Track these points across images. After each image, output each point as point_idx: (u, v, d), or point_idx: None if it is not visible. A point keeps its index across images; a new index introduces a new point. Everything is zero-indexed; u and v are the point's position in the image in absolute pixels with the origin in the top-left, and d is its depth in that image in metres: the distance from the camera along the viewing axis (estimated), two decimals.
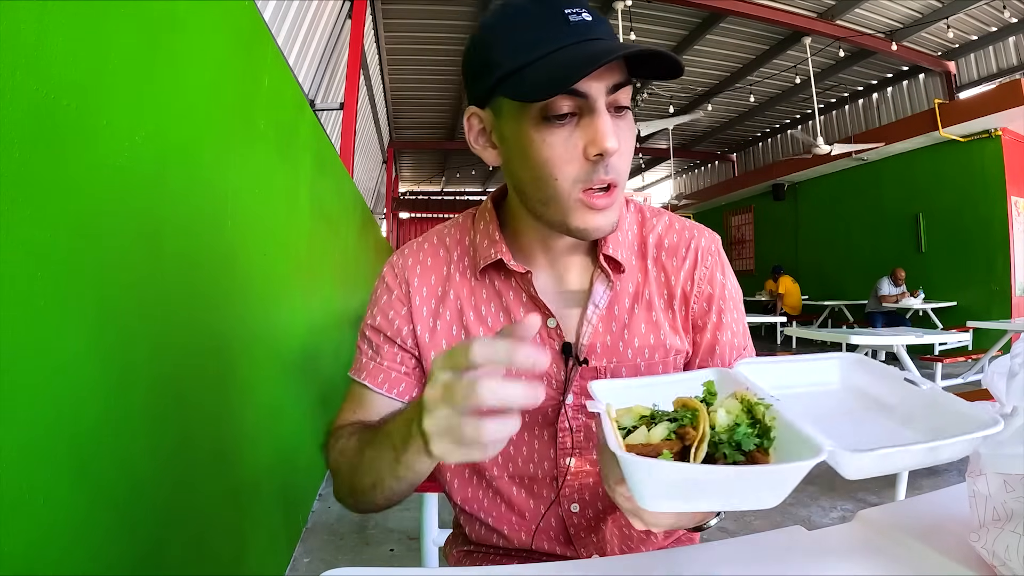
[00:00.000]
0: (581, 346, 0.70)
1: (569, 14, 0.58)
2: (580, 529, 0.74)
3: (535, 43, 0.58)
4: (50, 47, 0.73)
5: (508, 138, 0.63)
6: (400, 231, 15.51)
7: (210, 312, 1.38)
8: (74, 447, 0.78)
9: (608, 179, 0.60)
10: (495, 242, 0.70)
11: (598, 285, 0.71)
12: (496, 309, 0.71)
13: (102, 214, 0.86)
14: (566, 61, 0.55)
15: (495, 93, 0.62)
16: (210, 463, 1.35)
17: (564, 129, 0.59)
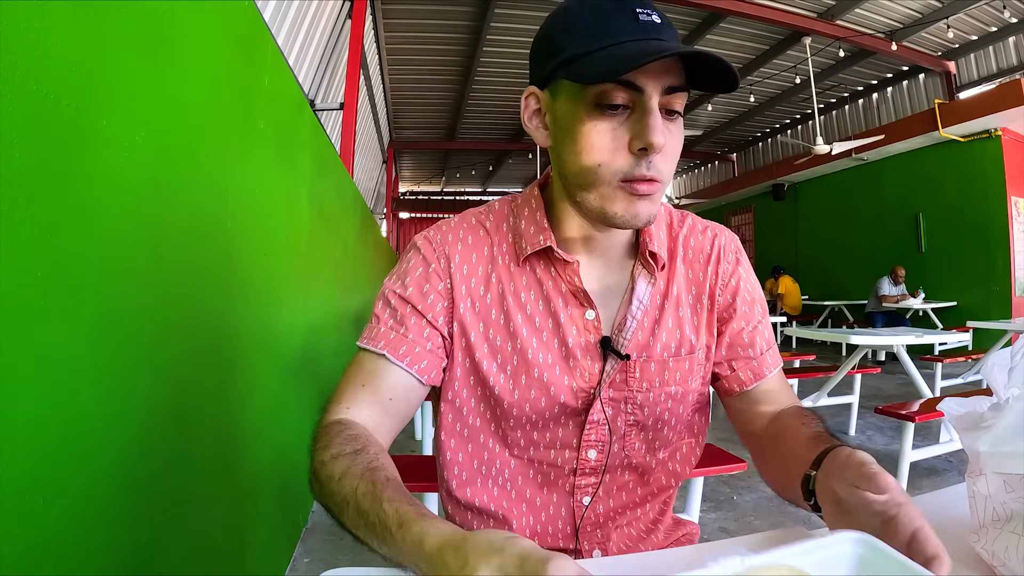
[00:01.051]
0: (622, 341, 0.71)
1: (639, 12, 0.61)
2: (588, 523, 0.74)
3: (602, 33, 0.60)
4: (50, 47, 0.73)
5: (560, 120, 0.65)
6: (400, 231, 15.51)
7: (210, 312, 1.38)
8: (74, 447, 0.78)
9: (649, 175, 0.61)
10: (543, 229, 0.71)
11: (640, 281, 0.73)
12: (536, 297, 0.71)
13: (102, 214, 0.86)
14: (628, 52, 0.58)
15: (556, 75, 0.64)
16: (210, 463, 1.35)
17: (615, 119, 0.61)
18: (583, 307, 0.70)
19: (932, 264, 8.09)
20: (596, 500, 0.74)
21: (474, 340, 0.71)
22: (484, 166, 14.93)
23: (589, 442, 0.72)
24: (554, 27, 0.65)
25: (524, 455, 0.73)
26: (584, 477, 0.73)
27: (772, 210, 11.38)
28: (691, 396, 0.75)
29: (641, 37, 0.60)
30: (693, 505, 1.64)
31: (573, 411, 0.71)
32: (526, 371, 0.70)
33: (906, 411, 2.57)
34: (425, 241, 0.73)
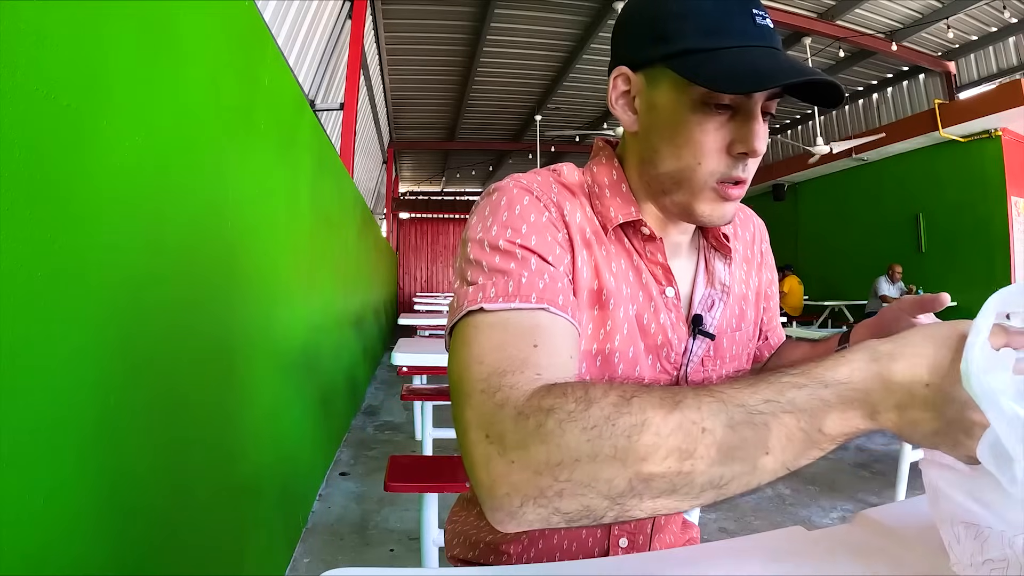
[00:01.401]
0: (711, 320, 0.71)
1: (756, 15, 0.58)
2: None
3: (723, 32, 0.57)
4: (50, 47, 0.73)
5: (659, 110, 0.61)
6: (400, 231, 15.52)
7: (210, 312, 1.38)
8: (74, 447, 0.78)
9: (743, 176, 0.61)
10: (630, 201, 0.66)
11: (717, 263, 0.73)
12: (627, 267, 0.67)
13: (102, 214, 0.86)
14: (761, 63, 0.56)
15: (660, 63, 0.60)
16: (210, 463, 1.35)
17: (719, 119, 0.59)
18: (662, 284, 0.68)
19: (932, 264, 8.09)
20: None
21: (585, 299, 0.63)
22: (484, 166, 14.93)
23: None
24: (662, 7, 0.60)
25: None
26: None
27: (772, 210, 11.36)
28: (742, 371, 0.77)
29: (763, 44, 0.58)
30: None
31: None
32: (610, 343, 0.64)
33: None
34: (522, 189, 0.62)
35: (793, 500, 2.77)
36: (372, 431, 4.03)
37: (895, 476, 2.71)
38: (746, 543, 0.57)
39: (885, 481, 2.97)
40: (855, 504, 2.70)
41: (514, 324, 0.52)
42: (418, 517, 1.68)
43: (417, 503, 1.70)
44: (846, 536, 0.56)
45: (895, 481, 2.69)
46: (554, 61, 8.95)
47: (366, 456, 3.34)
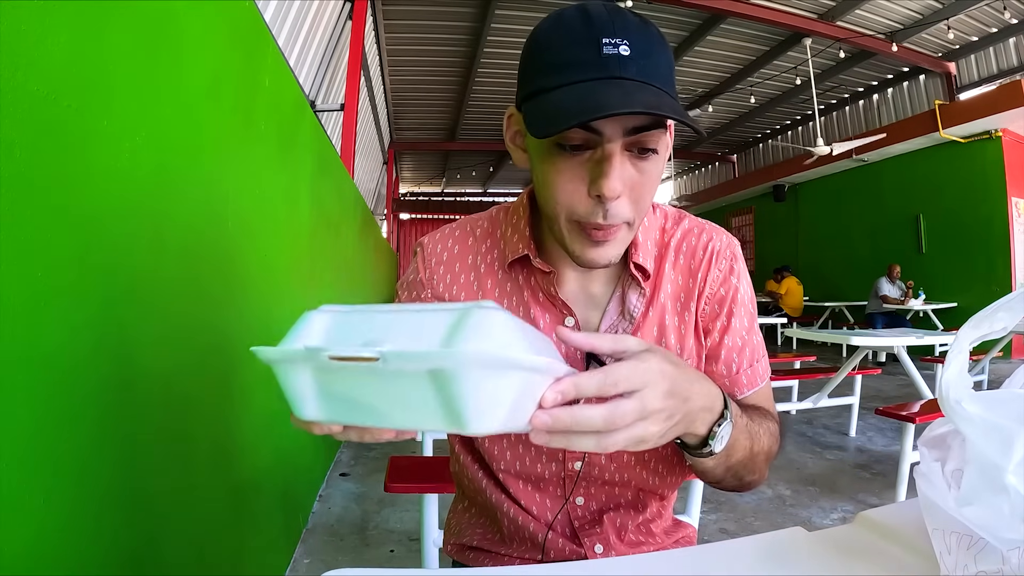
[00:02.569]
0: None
1: (605, 44, 0.54)
2: (584, 522, 0.74)
3: (565, 65, 0.55)
4: (51, 47, 0.73)
5: (530, 150, 0.64)
6: (401, 232, 15.53)
7: (211, 313, 1.38)
8: (74, 447, 0.78)
9: (605, 223, 0.58)
10: (524, 238, 0.71)
11: (631, 294, 0.70)
12: (516, 303, 0.72)
13: (103, 215, 0.86)
14: (568, 102, 0.52)
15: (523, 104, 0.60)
16: (210, 463, 1.35)
17: (576, 159, 0.57)
18: (562, 314, 0.69)
19: (933, 265, 8.09)
20: (589, 498, 0.74)
21: None
22: (484, 167, 14.94)
23: (574, 453, 0.71)
24: (526, 49, 0.60)
25: (516, 464, 0.73)
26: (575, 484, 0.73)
27: (773, 211, 11.38)
28: None
29: (601, 76, 0.53)
30: (693, 506, 1.64)
31: None
32: None
33: (906, 412, 2.56)
34: (421, 249, 0.77)
35: (793, 501, 2.77)
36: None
37: (895, 477, 2.70)
38: (746, 544, 0.57)
39: (885, 482, 2.97)
40: (855, 505, 2.69)
41: None
42: (418, 518, 1.68)
43: (417, 504, 1.70)
44: (846, 537, 0.56)
45: (895, 482, 2.69)
46: None
47: (366, 457, 3.34)
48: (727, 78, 9.49)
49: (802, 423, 4.23)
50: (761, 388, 0.74)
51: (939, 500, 0.43)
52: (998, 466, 0.39)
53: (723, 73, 9.36)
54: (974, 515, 0.40)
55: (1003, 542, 0.39)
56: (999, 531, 0.39)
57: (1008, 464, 0.39)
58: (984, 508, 0.40)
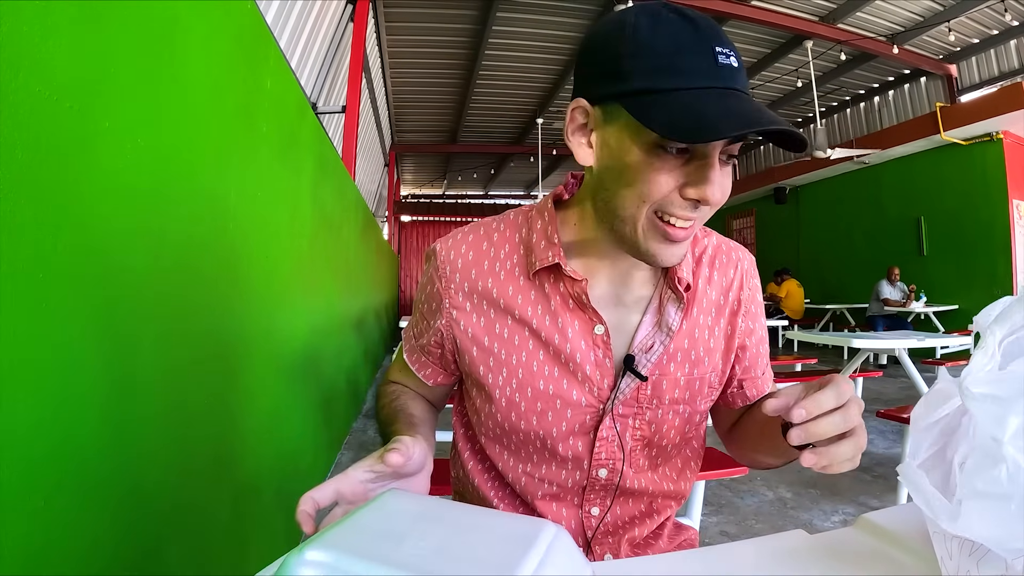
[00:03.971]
0: (646, 362, 0.70)
1: (719, 53, 0.55)
2: (599, 533, 0.74)
3: (677, 70, 0.55)
4: (52, 49, 0.73)
5: (612, 148, 0.60)
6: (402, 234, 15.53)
7: (212, 314, 1.38)
8: (75, 448, 0.78)
9: (693, 216, 0.60)
10: (553, 245, 0.69)
11: (669, 307, 0.71)
12: (543, 311, 0.70)
13: (104, 216, 0.87)
14: (712, 109, 0.53)
15: (614, 100, 0.58)
16: (211, 464, 1.35)
17: (674, 161, 0.57)
18: (592, 322, 0.69)
19: (934, 267, 8.08)
20: (604, 509, 0.74)
21: (476, 355, 0.72)
22: (486, 169, 14.94)
23: (600, 460, 0.71)
24: (619, 44, 0.57)
25: (536, 473, 0.73)
26: (594, 493, 0.73)
27: (774, 213, 11.37)
28: (698, 416, 0.75)
29: (719, 85, 0.54)
30: (694, 509, 1.64)
31: (582, 427, 0.71)
32: (531, 384, 0.70)
33: (908, 415, 2.56)
34: (434, 257, 0.75)
35: (794, 504, 2.76)
36: (373, 434, 4.03)
37: (896, 480, 2.69)
38: (748, 546, 0.57)
39: (886, 485, 2.96)
40: (856, 508, 2.69)
41: (400, 358, 0.85)
42: None
43: None
44: (847, 539, 0.56)
45: (896, 485, 2.68)
46: (556, 64, 8.97)
47: None
48: None
49: None
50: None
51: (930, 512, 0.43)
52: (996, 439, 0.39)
53: None
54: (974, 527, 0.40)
55: (1009, 552, 0.38)
56: (1005, 542, 0.38)
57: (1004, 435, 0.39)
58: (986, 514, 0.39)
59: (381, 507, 0.44)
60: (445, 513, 0.45)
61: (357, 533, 0.40)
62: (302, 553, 0.36)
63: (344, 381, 3.88)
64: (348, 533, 0.39)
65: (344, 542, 0.38)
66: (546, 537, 0.40)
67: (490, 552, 0.39)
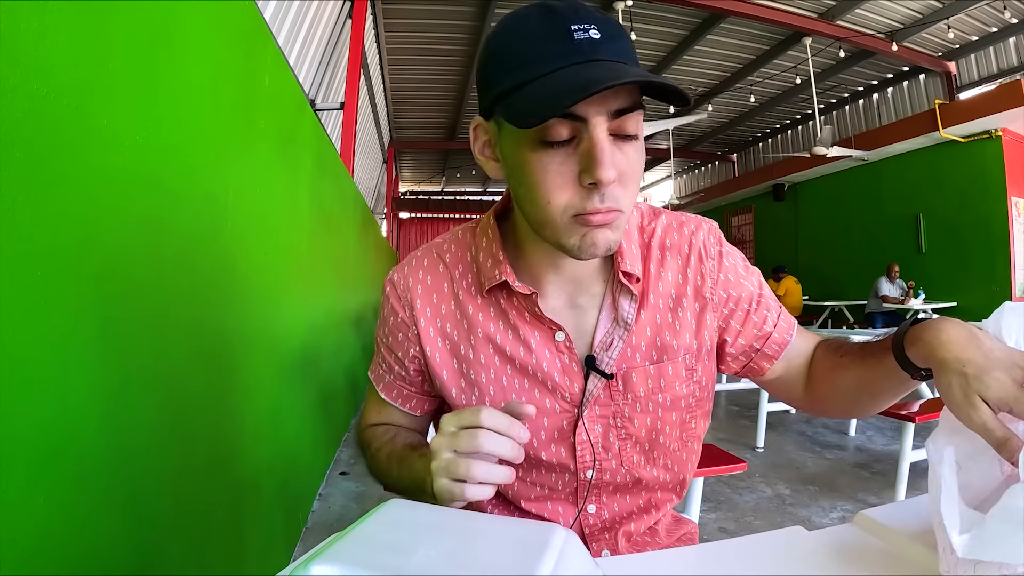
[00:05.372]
0: (608, 360, 0.69)
1: (575, 31, 0.54)
2: (595, 529, 0.74)
3: (533, 61, 0.55)
4: (51, 46, 0.73)
5: (507, 156, 0.61)
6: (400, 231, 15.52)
7: (210, 312, 1.38)
8: (74, 447, 0.78)
9: (603, 207, 0.56)
10: (499, 262, 0.69)
11: (622, 301, 0.70)
12: (504, 327, 0.70)
13: (102, 214, 0.86)
14: (557, 85, 0.52)
15: (494, 110, 0.59)
16: (210, 463, 1.35)
17: (560, 152, 0.56)
18: (551, 330, 0.69)
19: (932, 264, 8.09)
20: (601, 507, 0.74)
21: (447, 379, 0.72)
22: None
23: (584, 463, 0.71)
24: (487, 54, 0.59)
25: (527, 478, 0.73)
26: (588, 492, 0.73)
27: (772, 210, 11.37)
28: (682, 401, 0.73)
29: (577, 60, 0.53)
30: (693, 505, 1.64)
31: (561, 433, 0.71)
32: (504, 399, 0.70)
33: (906, 411, 2.57)
34: (392, 288, 0.75)
35: (793, 500, 2.77)
36: None
37: (895, 476, 2.71)
38: (746, 543, 0.57)
39: (885, 481, 2.97)
40: (855, 504, 2.70)
41: (373, 396, 0.82)
42: None
43: None
44: (846, 536, 0.56)
45: (895, 481, 2.69)
46: None
47: None
48: (727, 77, 9.49)
49: (801, 422, 4.23)
50: (799, 336, 0.78)
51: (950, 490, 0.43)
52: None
53: (723, 72, 9.35)
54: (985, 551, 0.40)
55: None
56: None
57: None
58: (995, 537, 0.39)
59: (384, 518, 0.43)
60: (451, 521, 0.44)
61: (363, 545, 0.39)
62: (308, 568, 0.36)
63: (343, 378, 3.88)
64: (354, 546, 0.39)
65: (351, 555, 0.37)
66: (558, 541, 0.40)
67: (503, 558, 0.38)
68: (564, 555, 0.39)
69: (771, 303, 0.77)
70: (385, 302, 0.76)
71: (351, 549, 0.38)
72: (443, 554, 0.38)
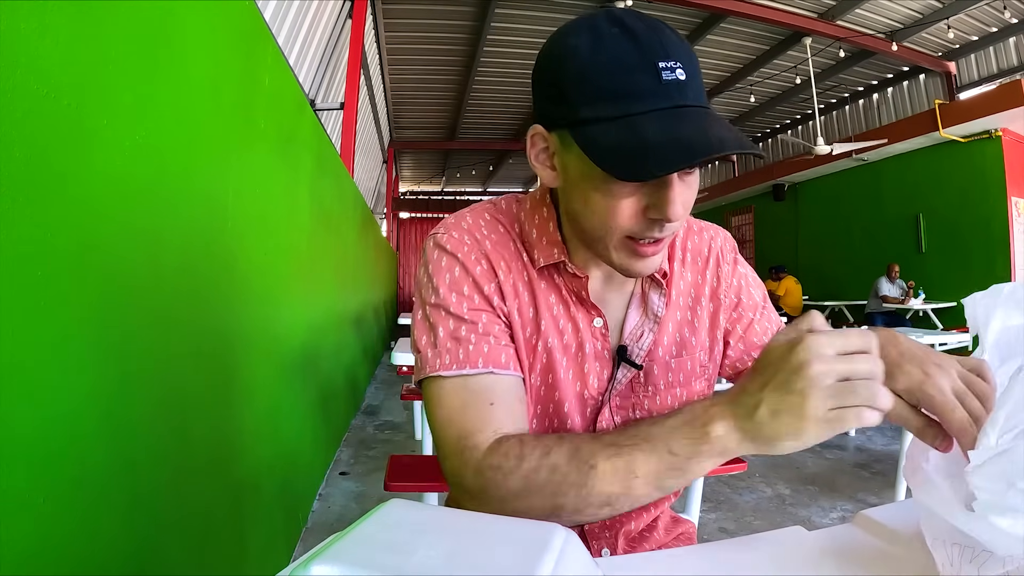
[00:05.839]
0: (638, 351, 0.71)
1: (663, 69, 0.53)
2: (595, 525, 0.74)
3: (621, 94, 0.53)
4: (50, 46, 0.73)
5: (572, 175, 0.60)
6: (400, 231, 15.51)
7: (210, 312, 1.38)
8: (74, 447, 0.78)
9: (660, 236, 0.59)
10: (556, 243, 0.69)
11: (652, 295, 0.72)
12: (556, 301, 0.70)
13: (102, 214, 0.86)
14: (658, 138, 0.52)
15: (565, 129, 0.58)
16: (210, 463, 1.35)
17: (631, 185, 0.56)
18: (591, 315, 0.70)
19: (932, 264, 8.09)
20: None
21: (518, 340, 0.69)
22: (484, 166, 14.92)
23: None
24: (562, 69, 0.57)
25: None
26: None
27: (772, 210, 11.36)
28: (696, 397, 0.75)
29: (665, 105, 0.53)
30: (692, 505, 1.64)
31: (583, 419, 0.71)
32: (552, 372, 0.69)
33: None
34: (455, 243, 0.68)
35: (793, 500, 2.77)
36: (372, 431, 4.03)
37: (895, 476, 2.71)
38: (746, 543, 0.57)
39: (885, 481, 2.97)
40: (855, 504, 2.70)
41: (471, 387, 0.62)
42: None
43: None
44: (846, 536, 0.56)
45: (895, 481, 2.69)
46: None
47: (366, 456, 3.34)
48: (727, 77, 9.49)
49: None
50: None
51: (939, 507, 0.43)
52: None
53: (723, 72, 9.35)
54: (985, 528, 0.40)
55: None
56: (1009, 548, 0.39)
57: None
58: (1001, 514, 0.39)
59: (383, 518, 0.43)
60: (450, 521, 0.45)
61: (363, 545, 0.39)
62: (308, 568, 0.36)
63: (343, 378, 3.88)
64: (353, 546, 0.39)
65: (351, 555, 0.37)
66: (558, 540, 0.40)
67: (502, 558, 0.38)
68: (564, 555, 0.39)
69: (772, 316, 0.80)
70: (451, 262, 0.66)
71: (351, 549, 0.38)
72: (443, 554, 0.38)
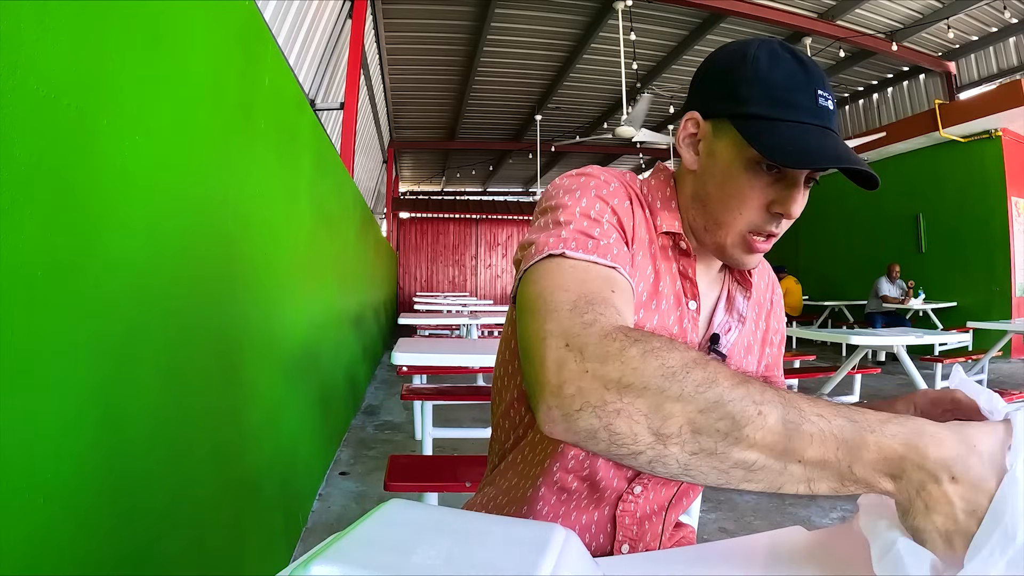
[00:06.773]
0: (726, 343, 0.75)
1: (820, 95, 0.63)
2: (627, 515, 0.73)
3: (788, 104, 0.63)
4: (50, 46, 0.73)
5: (717, 159, 0.67)
6: (400, 231, 15.51)
7: (210, 311, 1.38)
8: (74, 445, 0.78)
9: (775, 231, 0.68)
10: (676, 217, 0.73)
11: (737, 296, 0.78)
12: (666, 269, 0.72)
13: (102, 213, 0.86)
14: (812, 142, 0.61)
15: (727, 118, 0.65)
16: (210, 462, 1.35)
17: (767, 178, 0.65)
18: (687, 297, 0.73)
19: (932, 264, 8.09)
20: (646, 489, 0.73)
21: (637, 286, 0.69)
22: (484, 166, 14.92)
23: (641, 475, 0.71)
24: (739, 71, 0.65)
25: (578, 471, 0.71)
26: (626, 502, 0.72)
27: None
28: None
29: (817, 123, 0.63)
30: (693, 505, 1.64)
31: None
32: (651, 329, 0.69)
33: None
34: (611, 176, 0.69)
35: (793, 500, 2.77)
36: (372, 431, 4.03)
37: None
38: (746, 543, 0.57)
39: None
40: (855, 505, 2.69)
41: (594, 271, 0.57)
42: None
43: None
44: (846, 536, 0.56)
45: None
46: (555, 61, 8.95)
47: (366, 456, 3.34)
48: None
49: None
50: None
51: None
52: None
53: None
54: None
55: None
56: None
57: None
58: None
59: (383, 518, 0.43)
60: (450, 521, 0.44)
61: (362, 545, 0.39)
62: (308, 568, 0.35)
63: (343, 378, 3.88)
64: (354, 546, 0.39)
65: (351, 555, 0.37)
66: (558, 540, 0.40)
67: (503, 558, 0.38)
68: (564, 555, 0.39)
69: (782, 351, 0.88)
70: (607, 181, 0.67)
71: (351, 549, 0.38)
72: (443, 554, 0.38)
